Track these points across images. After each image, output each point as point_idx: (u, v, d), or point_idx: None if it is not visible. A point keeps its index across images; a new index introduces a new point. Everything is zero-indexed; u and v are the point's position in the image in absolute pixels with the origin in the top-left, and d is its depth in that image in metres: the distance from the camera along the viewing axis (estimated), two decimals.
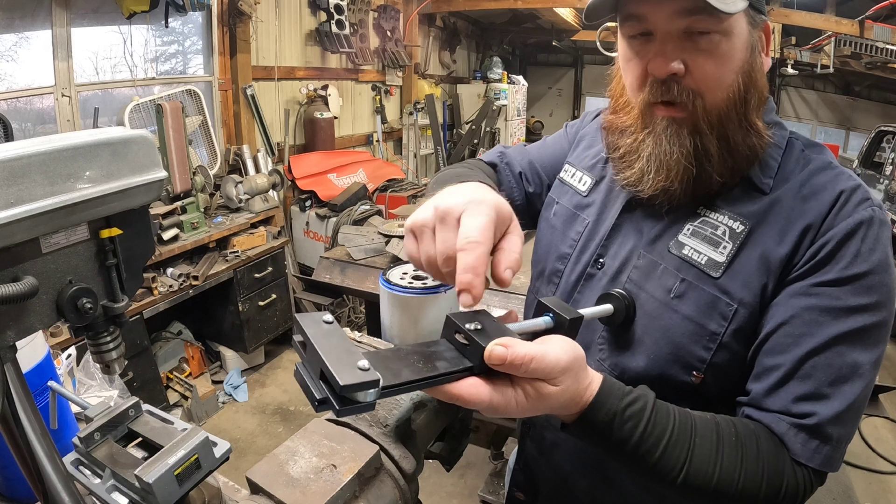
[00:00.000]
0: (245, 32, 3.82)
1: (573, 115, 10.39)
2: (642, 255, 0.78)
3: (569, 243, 0.90)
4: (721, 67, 0.69)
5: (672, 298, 0.74)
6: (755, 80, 0.72)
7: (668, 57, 0.69)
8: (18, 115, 2.75)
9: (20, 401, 0.52)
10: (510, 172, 1.04)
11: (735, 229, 0.72)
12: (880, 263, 0.67)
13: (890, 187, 4.92)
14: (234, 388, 3.43)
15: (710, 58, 0.68)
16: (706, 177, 0.73)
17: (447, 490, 2.66)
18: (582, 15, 0.76)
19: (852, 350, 0.66)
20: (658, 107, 0.73)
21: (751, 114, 0.72)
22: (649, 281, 0.76)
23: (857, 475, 2.91)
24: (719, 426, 0.66)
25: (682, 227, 0.76)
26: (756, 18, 0.71)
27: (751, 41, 0.71)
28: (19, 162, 0.46)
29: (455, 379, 0.52)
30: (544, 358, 0.52)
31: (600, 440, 0.62)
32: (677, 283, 0.74)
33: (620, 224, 0.83)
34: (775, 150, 0.75)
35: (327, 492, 0.56)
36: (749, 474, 0.64)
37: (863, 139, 6.19)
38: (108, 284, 0.57)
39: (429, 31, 6.60)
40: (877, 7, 4.99)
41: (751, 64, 0.71)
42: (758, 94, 0.73)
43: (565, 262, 0.90)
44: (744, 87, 0.71)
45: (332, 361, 0.45)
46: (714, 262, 0.72)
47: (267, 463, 0.60)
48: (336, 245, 3.76)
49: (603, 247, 0.84)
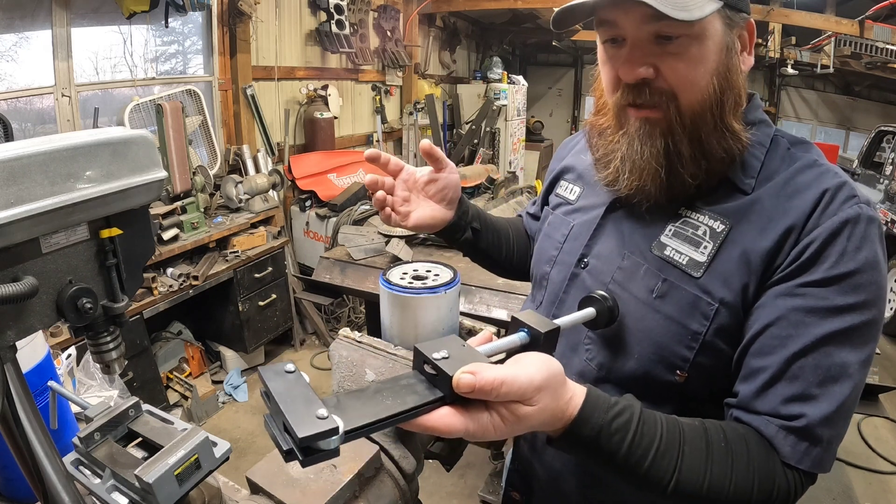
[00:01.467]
0: (245, 32, 3.82)
1: (573, 115, 10.39)
2: (626, 255, 0.79)
3: (555, 245, 0.92)
4: (692, 70, 0.69)
5: (654, 299, 0.75)
6: (731, 81, 0.72)
7: (635, 62, 0.70)
8: (18, 115, 2.75)
9: (20, 401, 0.52)
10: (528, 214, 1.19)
11: (716, 229, 0.72)
12: (868, 262, 0.66)
13: (890, 187, 4.92)
14: (234, 388, 3.42)
15: (680, 61, 0.69)
16: (678, 178, 0.74)
17: (447, 490, 2.66)
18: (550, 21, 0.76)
19: (840, 350, 0.65)
20: (631, 108, 0.75)
21: (727, 116, 0.72)
22: (633, 282, 0.77)
23: (857, 475, 2.90)
24: (708, 432, 0.65)
25: (665, 228, 0.77)
26: (735, 18, 0.71)
27: (726, 42, 0.70)
28: (19, 162, 0.46)
29: (427, 411, 0.51)
30: (515, 380, 0.51)
31: (588, 454, 0.62)
32: (659, 283, 0.75)
33: (604, 224, 0.85)
34: (758, 148, 0.75)
35: (327, 492, 0.56)
36: (739, 480, 0.64)
37: (863, 139, 6.19)
38: (108, 284, 0.57)
39: (429, 31, 6.60)
40: (877, 7, 4.99)
41: (726, 65, 0.71)
42: (734, 96, 0.72)
43: (552, 264, 0.91)
44: (719, 88, 0.71)
45: (291, 413, 0.45)
46: (695, 262, 0.72)
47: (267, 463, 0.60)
48: (336, 245, 3.76)
49: (587, 247, 0.85)
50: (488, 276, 2.06)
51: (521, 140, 7.29)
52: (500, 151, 6.70)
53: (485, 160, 5.98)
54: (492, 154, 6.47)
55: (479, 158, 6.05)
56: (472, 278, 2.17)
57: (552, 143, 9.21)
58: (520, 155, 7.28)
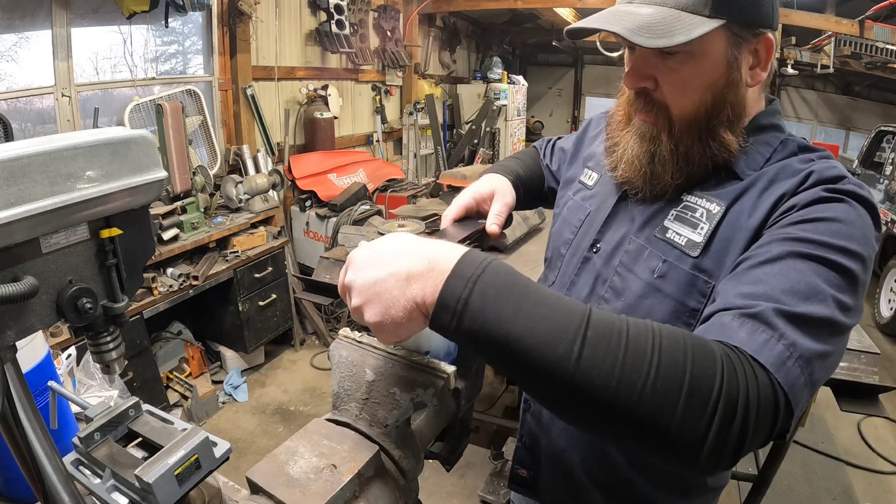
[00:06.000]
0: (245, 32, 3.82)
1: (573, 114, 10.39)
2: (632, 240, 0.83)
3: (571, 229, 0.97)
4: (686, 84, 0.74)
5: (656, 278, 0.78)
6: (729, 95, 0.74)
7: (638, 73, 0.77)
8: (18, 115, 2.75)
9: (20, 401, 0.52)
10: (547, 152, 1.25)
11: (711, 210, 0.75)
12: (850, 218, 0.63)
13: (890, 187, 4.92)
14: (234, 388, 3.42)
15: (676, 75, 0.74)
16: (659, 178, 0.80)
17: (447, 490, 2.66)
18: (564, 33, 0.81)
19: (811, 273, 0.59)
20: (635, 111, 0.82)
21: (717, 127, 0.75)
22: (637, 264, 0.81)
23: (857, 475, 2.91)
24: (632, 319, 0.54)
25: (668, 213, 0.80)
26: (743, 34, 0.71)
27: (728, 59, 0.72)
28: (19, 162, 0.46)
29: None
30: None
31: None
32: (660, 263, 0.78)
33: (616, 212, 0.89)
34: (764, 146, 0.78)
35: (327, 492, 0.56)
36: (665, 358, 0.50)
37: (863, 139, 6.19)
38: (108, 284, 0.57)
39: (429, 31, 6.60)
40: (877, 7, 4.99)
41: (726, 81, 0.73)
42: (731, 109, 0.75)
43: (567, 247, 0.96)
44: (712, 102, 0.74)
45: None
46: (693, 242, 0.75)
47: (267, 463, 0.60)
48: (336, 245, 3.76)
49: (599, 233, 0.90)
50: None
51: (521, 140, 7.29)
52: (500, 151, 6.70)
53: (485, 160, 5.98)
54: (492, 154, 6.48)
55: (479, 158, 6.05)
56: None
57: None
58: None
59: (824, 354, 0.56)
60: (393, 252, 0.56)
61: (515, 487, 1.04)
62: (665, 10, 0.69)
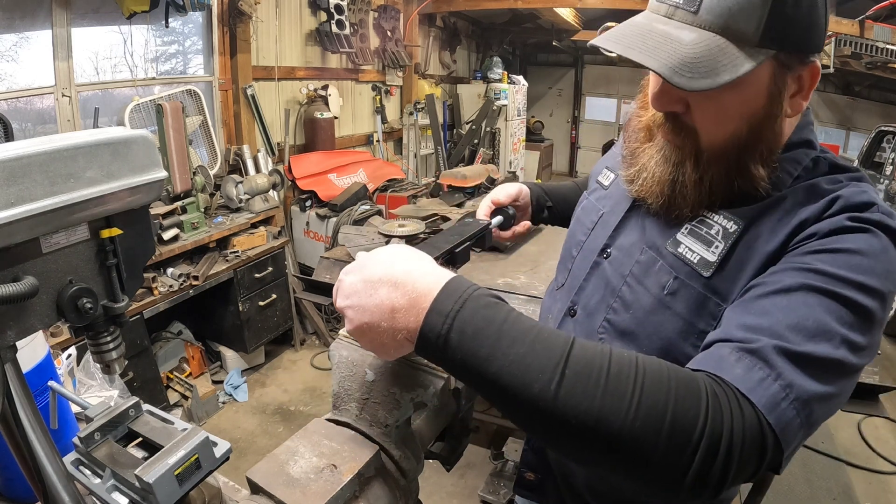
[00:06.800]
0: (245, 32, 3.82)
1: (573, 114, 10.40)
2: (644, 251, 0.80)
3: (584, 231, 0.94)
4: (721, 113, 0.67)
5: (666, 295, 0.74)
6: (766, 130, 0.68)
7: (667, 95, 0.69)
8: (18, 115, 2.75)
9: (20, 401, 0.52)
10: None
11: (728, 229, 0.71)
12: (873, 250, 0.59)
13: (890, 187, 4.92)
14: (234, 388, 3.43)
15: (711, 103, 0.67)
16: (676, 205, 0.75)
17: (447, 490, 2.66)
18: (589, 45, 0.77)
19: (822, 309, 0.56)
20: (661, 132, 0.76)
21: (750, 160, 0.69)
22: (648, 277, 0.78)
23: (857, 475, 2.91)
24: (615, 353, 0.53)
25: (681, 227, 0.76)
26: (791, 62, 0.65)
27: (771, 90, 0.66)
28: (19, 162, 0.46)
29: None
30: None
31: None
32: (671, 280, 0.74)
33: (628, 218, 0.86)
34: (793, 165, 0.72)
35: (327, 492, 0.56)
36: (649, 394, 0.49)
37: (863, 139, 6.19)
38: (108, 284, 0.57)
39: (429, 31, 6.60)
40: (877, 7, 4.99)
41: (766, 113, 0.67)
42: (766, 143, 0.69)
43: (579, 249, 0.94)
44: (747, 136, 0.68)
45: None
46: (706, 261, 0.71)
47: (267, 463, 0.60)
48: (336, 245, 3.76)
49: (611, 237, 0.87)
50: (488, 276, 2.06)
51: (521, 140, 7.29)
52: (500, 151, 6.71)
53: (485, 160, 5.98)
54: (492, 154, 6.48)
55: (479, 158, 6.05)
56: (472, 278, 2.16)
57: (552, 143, 9.20)
58: (520, 155, 7.29)
59: (826, 396, 0.54)
60: (378, 282, 0.57)
61: (521, 491, 1.03)
62: (709, 38, 0.61)
